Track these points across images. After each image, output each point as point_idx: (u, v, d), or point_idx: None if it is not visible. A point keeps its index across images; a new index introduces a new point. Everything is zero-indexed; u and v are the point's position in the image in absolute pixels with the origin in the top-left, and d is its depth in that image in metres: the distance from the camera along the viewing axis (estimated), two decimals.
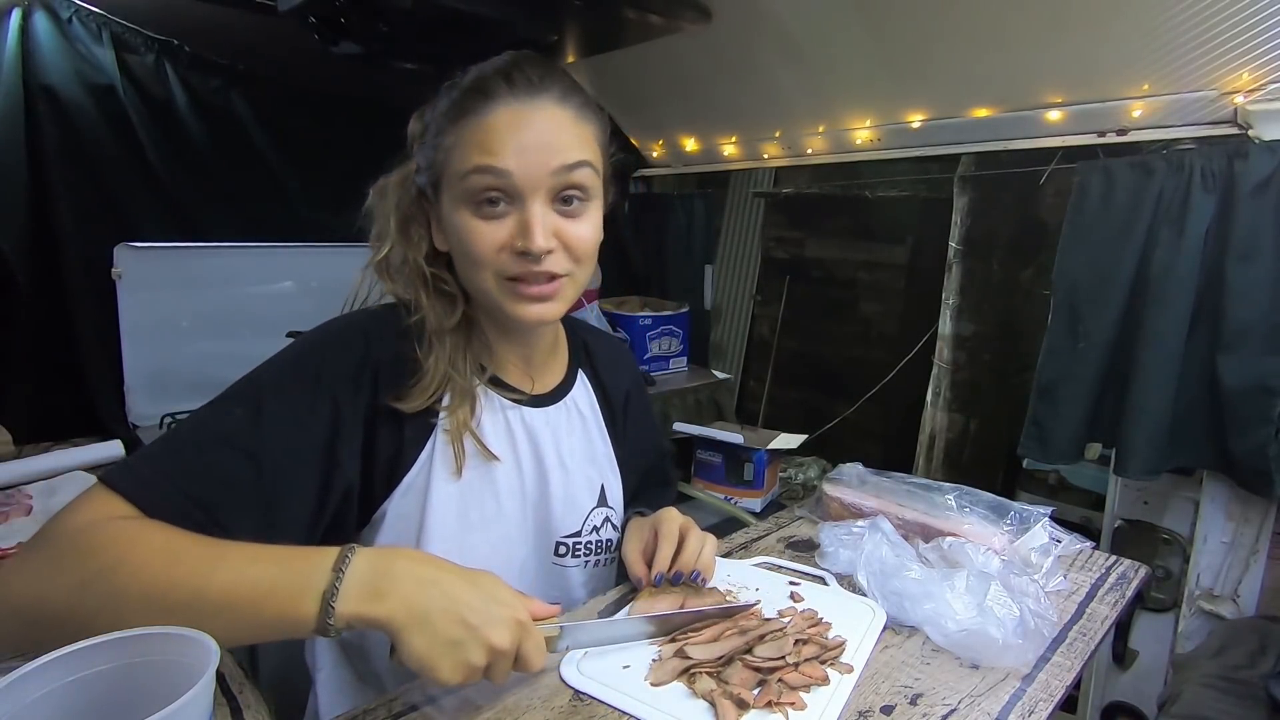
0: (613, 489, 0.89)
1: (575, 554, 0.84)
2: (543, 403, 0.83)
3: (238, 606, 0.53)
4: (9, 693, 0.45)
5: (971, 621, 0.70)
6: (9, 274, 1.45)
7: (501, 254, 0.69)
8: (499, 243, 0.69)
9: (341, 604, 0.53)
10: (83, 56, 1.52)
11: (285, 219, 1.84)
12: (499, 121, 0.68)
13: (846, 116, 1.83)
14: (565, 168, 0.69)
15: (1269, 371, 1.23)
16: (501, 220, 0.69)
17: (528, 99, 0.69)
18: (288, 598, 0.53)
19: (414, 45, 1.50)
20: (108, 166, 1.57)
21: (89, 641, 0.49)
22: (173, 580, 0.53)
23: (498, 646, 0.55)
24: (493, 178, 0.68)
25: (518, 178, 0.68)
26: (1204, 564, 1.42)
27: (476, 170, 0.68)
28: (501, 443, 0.78)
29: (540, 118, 0.69)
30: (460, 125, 0.70)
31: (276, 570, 0.55)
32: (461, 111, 0.70)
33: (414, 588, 0.55)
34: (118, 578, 0.53)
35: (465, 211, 0.70)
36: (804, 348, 2.94)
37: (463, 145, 0.69)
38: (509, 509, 0.78)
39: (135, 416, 1.60)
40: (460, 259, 0.73)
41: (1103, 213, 1.39)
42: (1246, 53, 1.17)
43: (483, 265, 0.70)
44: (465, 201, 0.69)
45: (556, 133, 0.70)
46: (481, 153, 0.68)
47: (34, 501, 1.09)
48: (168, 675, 0.49)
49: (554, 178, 0.69)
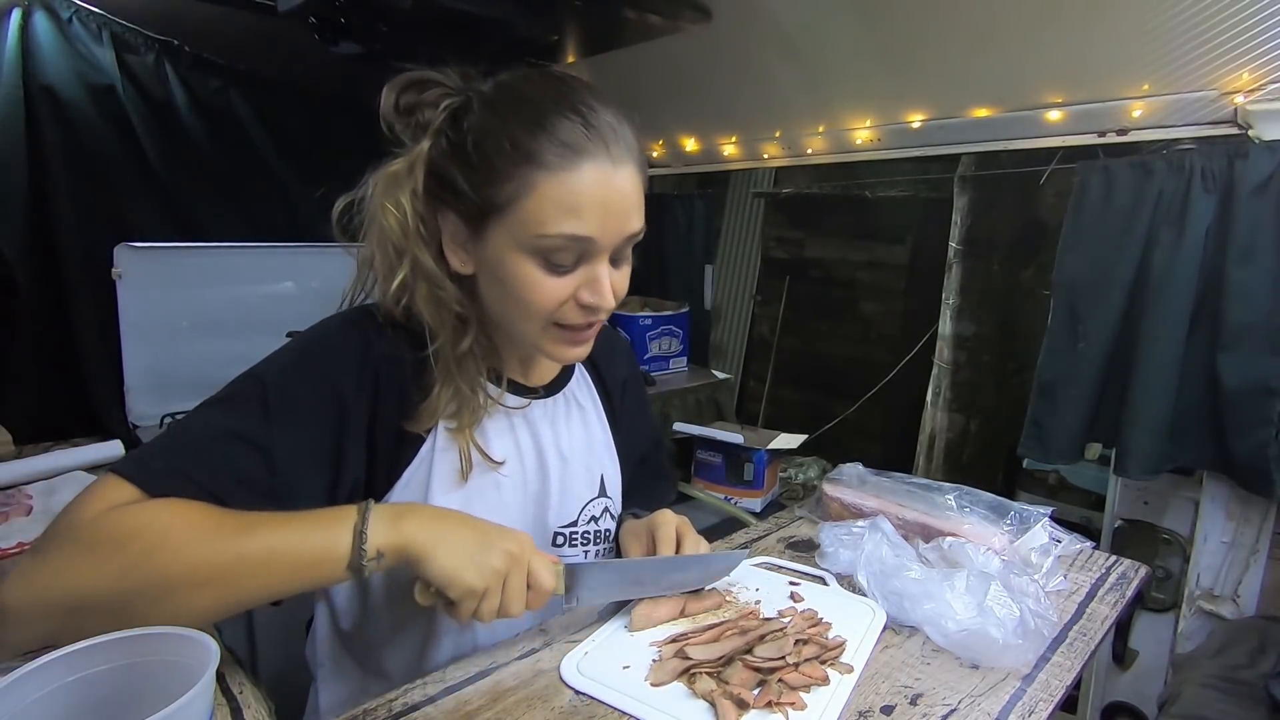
0: (612, 478, 0.90)
1: (572, 544, 0.84)
2: (542, 394, 0.84)
3: (278, 559, 0.58)
4: (9, 693, 0.45)
5: (971, 621, 0.70)
6: (9, 274, 1.45)
7: (564, 306, 0.69)
8: (563, 297, 0.69)
9: (372, 534, 0.59)
10: (83, 56, 1.52)
11: (285, 219, 1.83)
12: (588, 184, 0.65)
13: (846, 116, 1.83)
14: (632, 235, 0.70)
15: (1269, 371, 1.23)
16: (569, 275, 0.68)
17: (616, 164, 0.67)
18: (323, 542, 0.59)
19: (414, 45, 1.50)
20: (108, 166, 1.57)
21: (89, 641, 0.49)
22: (215, 550, 0.57)
23: (513, 551, 0.63)
24: (576, 245, 0.67)
25: (599, 244, 0.67)
26: (1204, 564, 1.42)
27: (560, 236, 0.65)
28: (501, 434, 0.79)
29: (623, 184, 0.68)
30: (543, 175, 0.65)
31: (309, 523, 0.60)
32: (546, 161, 0.65)
33: (431, 516, 0.63)
34: (160, 558, 0.55)
35: (529, 262, 0.67)
36: (804, 348, 2.94)
37: (543, 199, 0.65)
38: (509, 498, 0.79)
39: (135, 416, 1.60)
40: (509, 302, 0.70)
41: (1103, 213, 1.39)
42: (1246, 53, 1.17)
43: (539, 315, 0.70)
44: (533, 253, 0.67)
45: (634, 199, 0.69)
46: (569, 217, 0.65)
47: (34, 501, 1.09)
48: (168, 675, 0.49)
49: (626, 242, 0.70)
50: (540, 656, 0.69)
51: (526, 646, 0.71)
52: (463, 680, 0.66)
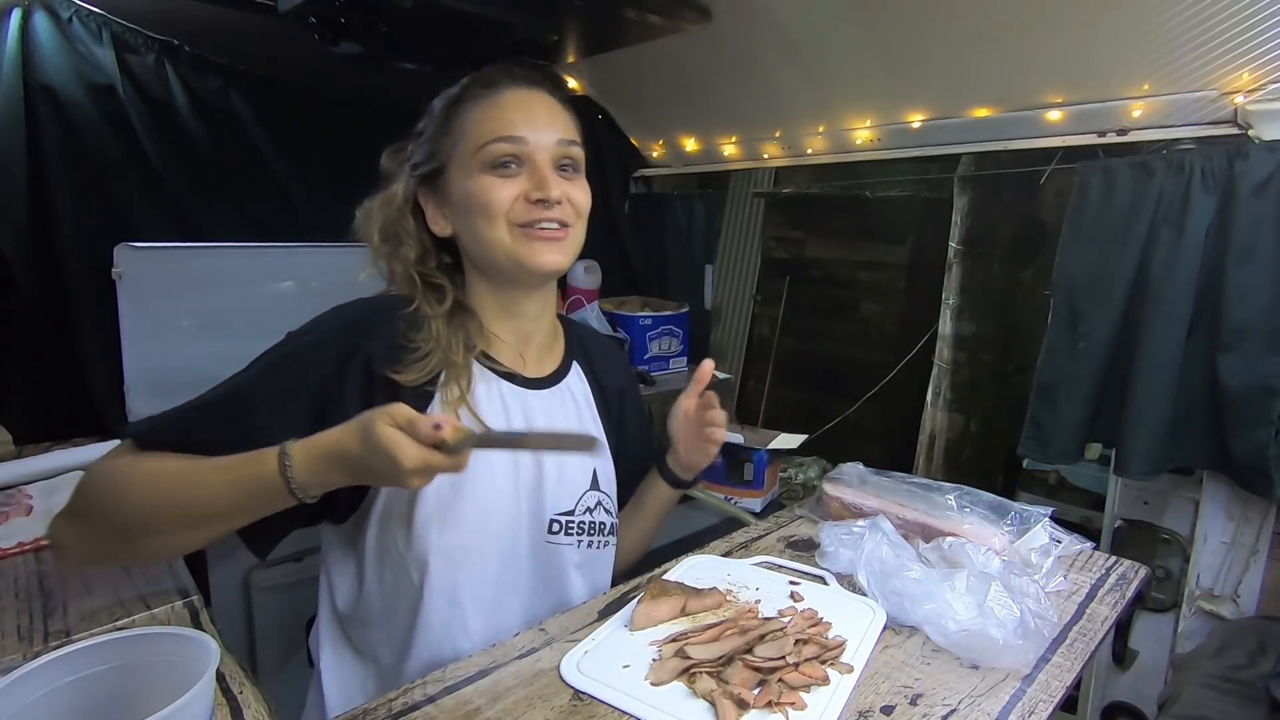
0: (605, 474, 0.92)
1: (568, 532, 0.86)
2: (538, 385, 0.88)
3: (220, 495, 0.68)
4: (9, 693, 0.45)
5: (971, 622, 0.70)
6: (9, 273, 1.44)
7: (517, 203, 0.80)
8: (514, 195, 0.80)
9: (293, 450, 0.66)
10: (83, 56, 1.51)
11: (285, 219, 1.83)
12: (510, 101, 0.82)
13: (846, 116, 1.83)
14: (565, 141, 0.83)
15: (1269, 371, 1.23)
16: (516, 178, 0.81)
17: (530, 86, 0.84)
18: (255, 468, 0.66)
19: (414, 45, 1.50)
20: (108, 166, 1.57)
21: (89, 641, 0.49)
22: (164, 496, 0.69)
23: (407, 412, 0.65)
24: (509, 145, 0.80)
25: (531, 144, 0.81)
26: (1204, 564, 1.42)
27: (495, 140, 0.80)
28: (495, 416, 0.83)
29: (541, 101, 0.84)
30: (471, 109, 0.82)
31: (241, 459, 0.68)
32: (471, 99, 0.83)
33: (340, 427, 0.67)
34: (121, 513, 0.70)
35: (481, 175, 0.81)
36: (804, 348, 2.94)
37: (476, 123, 0.82)
38: (500, 484, 0.82)
39: (135, 416, 1.60)
40: (475, 219, 0.81)
41: (1103, 213, 1.39)
42: (1246, 53, 1.17)
43: (497, 215, 0.80)
44: (481, 168, 0.81)
45: (555, 114, 0.85)
46: (498, 125, 0.81)
47: (34, 501, 1.09)
48: (168, 675, 0.49)
49: (558, 148, 0.83)
50: (540, 656, 0.69)
51: (526, 646, 0.71)
52: (463, 680, 0.66)
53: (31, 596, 0.84)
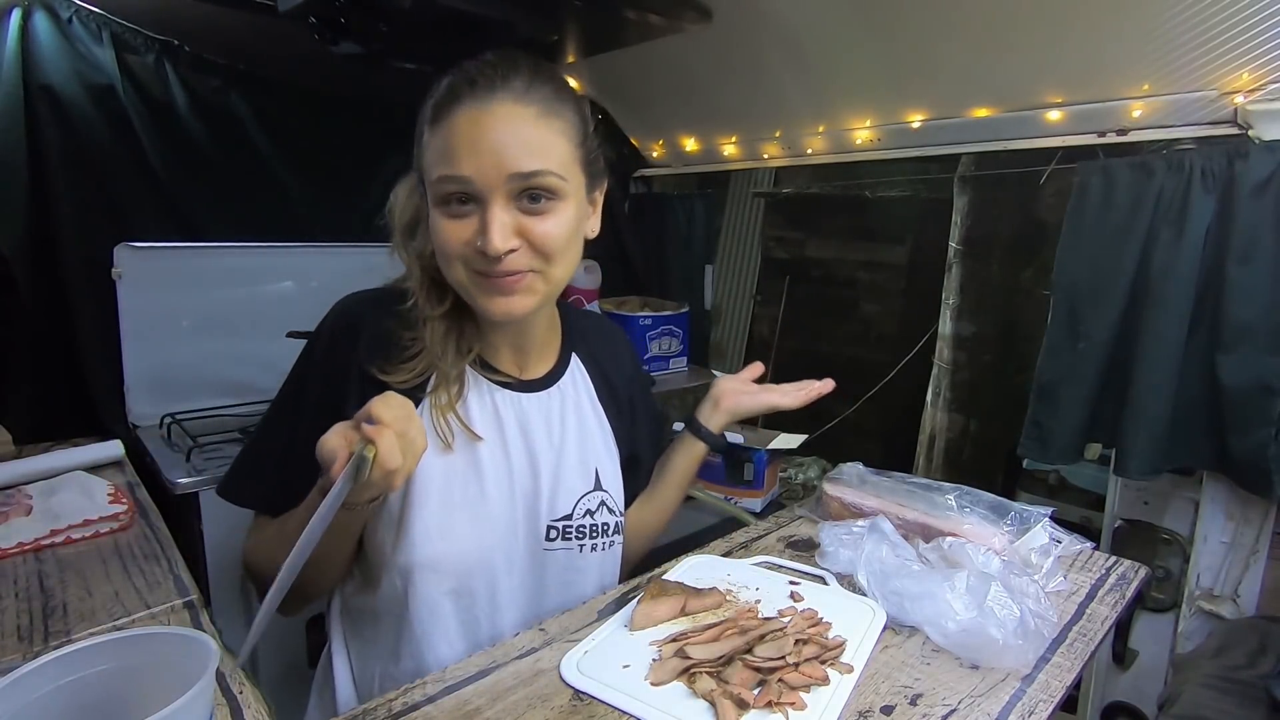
0: (608, 473, 0.90)
1: (566, 537, 0.84)
2: (534, 388, 0.86)
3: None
4: (9, 693, 0.45)
5: (971, 622, 0.70)
6: (9, 273, 1.44)
7: (467, 249, 0.72)
8: (464, 239, 0.72)
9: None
10: (83, 56, 1.51)
11: (285, 219, 1.83)
12: (458, 128, 0.70)
13: (846, 116, 1.83)
14: (521, 175, 0.70)
15: (1269, 371, 1.23)
16: (466, 220, 0.72)
17: (485, 100, 0.70)
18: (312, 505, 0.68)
19: (414, 45, 1.50)
20: (108, 166, 1.57)
21: (89, 641, 0.49)
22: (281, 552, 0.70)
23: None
24: (454, 185, 0.71)
25: (476, 184, 0.70)
26: (1204, 564, 1.42)
27: (439, 180, 0.71)
28: (488, 425, 0.81)
29: (495, 121, 0.70)
30: (432, 131, 0.73)
31: (306, 504, 0.71)
32: (434, 117, 0.73)
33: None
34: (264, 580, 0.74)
35: (436, 211, 0.73)
36: (804, 348, 2.94)
37: (431, 152, 0.73)
38: (492, 493, 0.80)
39: (135, 416, 1.60)
40: (438, 255, 0.76)
41: (1103, 213, 1.39)
42: (1246, 53, 1.17)
43: (452, 259, 0.74)
44: (435, 203, 0.73)
45: (512, 135, 0.70)
46: (443, 161, 0.71)
47: (34, 501, 1.09)
48: (168, 675, 0.49)
49: (510, 183, 0.70)
50: (540, 656, 0.69)
51: (526, 646, 0.71)
52: (463, 680, 0.66)
53: (31, 596, 0.84)
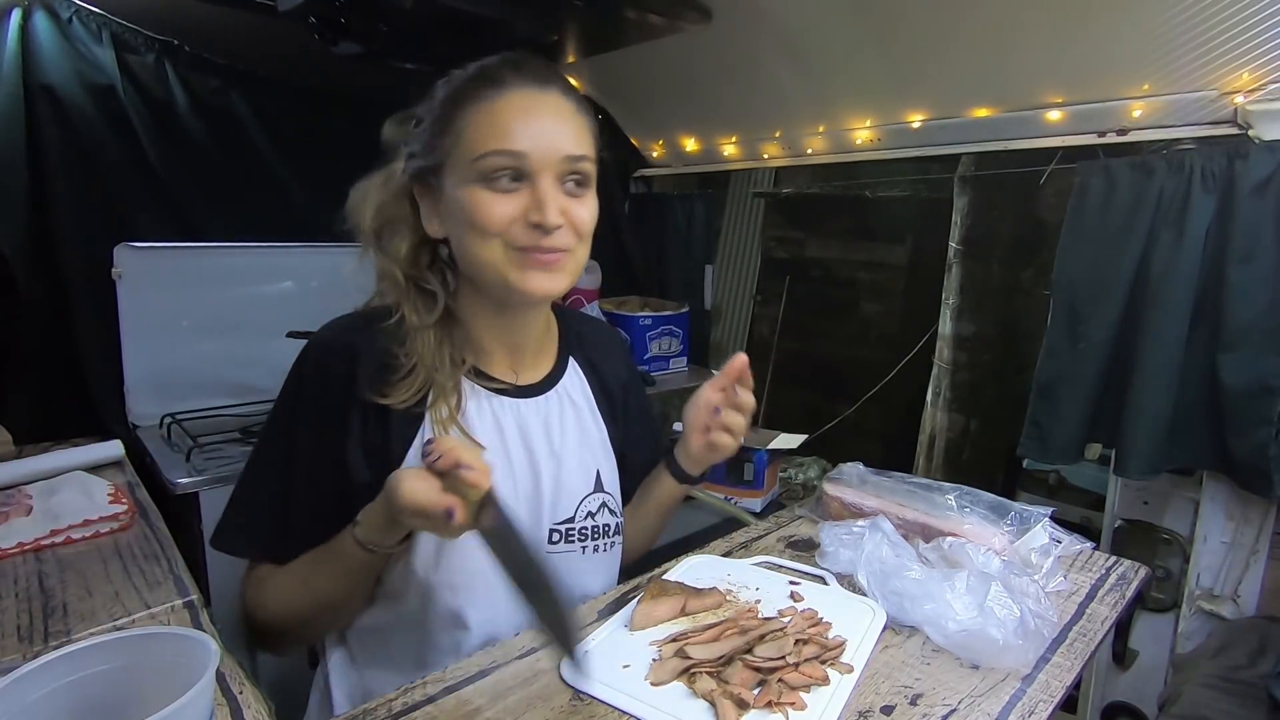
0: (608, 474, 0.90)
1: (569, 540, 0.84)
2: (532, 393, 0.85)
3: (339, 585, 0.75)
4: (9, 693, 0.45)
5: (972, 622, 0.70)
6: (9, 273, 1.44)
7: (513, 225, 0.73)
8: (510, 215, 0.73)
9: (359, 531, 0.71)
10: (83, 56, 1.51)
11: (285, 219, 1.83)
12: (512, 106, 0.73)
13: (846, 116, 1.83)
14: (572, 157, 0.74)
15: (1269, 371, 1.23)
16: (513, 195, 0.73)
17: (538, 88, 0.75)
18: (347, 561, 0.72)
19: (414, 45, 1.50)
20: (108, 166, 1.56)
21: (89, 642, 0.49)
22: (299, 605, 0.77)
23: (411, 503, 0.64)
24: (508, 159, 0.72)
25: (532, 160, 0.72)
26: (1204, 564, 1.42)
27: (492, 153, 0.72)
28: (488, 433, 0.80)
29: (550, 106, 0.74)
30: (470, 110, 0.74)
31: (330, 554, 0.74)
32: (471, 97, 0.74)
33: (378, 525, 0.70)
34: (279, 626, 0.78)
35: (476, 188, 0.73)
36: (804, 348, 2.94)
37: (474, 128, 0.73)
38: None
39: (135, 416, 1.60)
40: (467, 233, 0.75)
41: (1103, 213, 1.39)
42: (1246, 53, 1.17)
43: (491, 235, 0.73)
44: (477, 179, 0.73)
45: (565, 121, 0.75)
46: (497, 137, 0.72)
47: (34, 501, 1.09)
48: (168, 675, 0.49)
49: (563, 163, 0.74)
50: (540, 656, 0.69)
51: (526, 646, 0.71)
52: (463, 680, 0.66)
53: (31, 596, 0.84)
